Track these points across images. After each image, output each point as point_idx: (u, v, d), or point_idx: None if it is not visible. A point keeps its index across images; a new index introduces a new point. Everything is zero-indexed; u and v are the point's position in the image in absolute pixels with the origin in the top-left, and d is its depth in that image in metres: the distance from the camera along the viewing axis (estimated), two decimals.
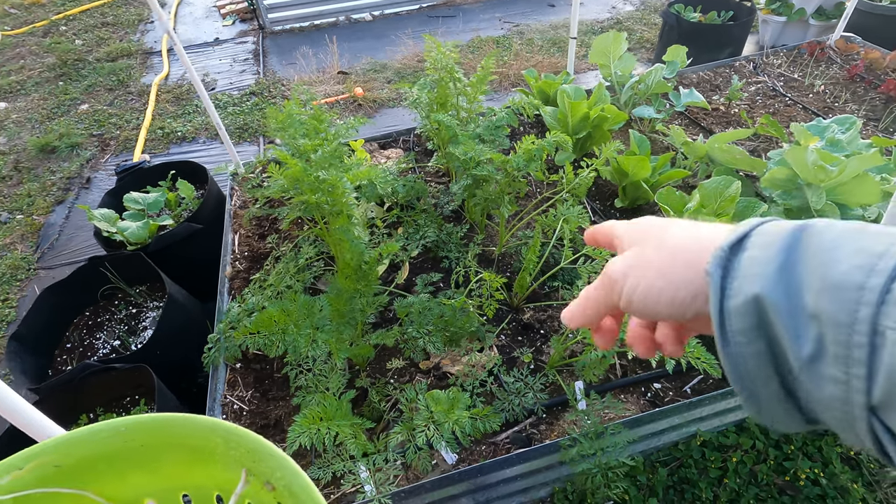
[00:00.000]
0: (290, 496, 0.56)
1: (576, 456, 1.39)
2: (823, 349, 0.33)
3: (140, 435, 0.60)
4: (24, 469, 0.58)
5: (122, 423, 0.60)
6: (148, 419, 0.61)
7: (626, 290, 0.46)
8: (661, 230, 0.47)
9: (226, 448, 0.60)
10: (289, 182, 1.81)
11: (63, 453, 0.59)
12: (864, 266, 0.32)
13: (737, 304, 0.37)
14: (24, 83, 4.97)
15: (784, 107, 2.83)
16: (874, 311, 0.30)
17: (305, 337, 1.38)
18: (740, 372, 0.38)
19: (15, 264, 3.03)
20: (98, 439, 0.60)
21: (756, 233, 0.39)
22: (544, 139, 1.85)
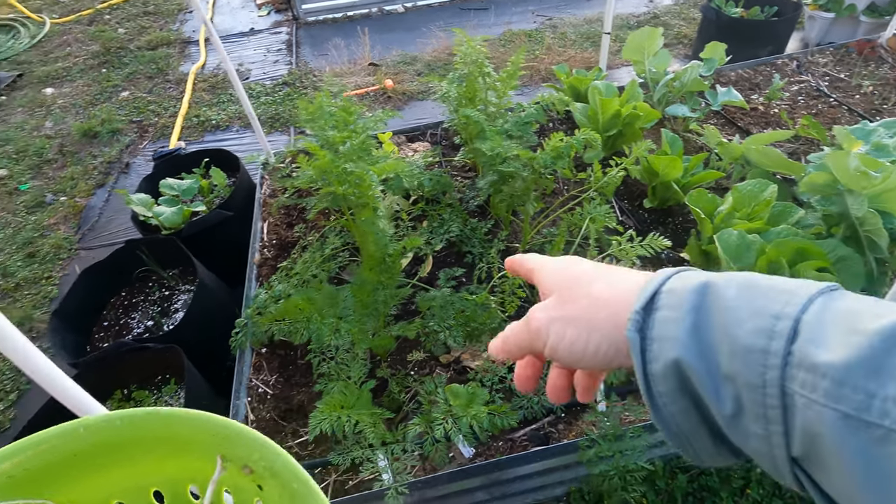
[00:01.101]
0: (272, 476, 0.55)
1: (594, 457, 1.38)
2: (742, 407, 0.34)
3: (102, 434, 0.58)
4: None
5: (80, 424, 0.57)
6: (111, 417, 0.58)
7: (550, 340, 0.47)
8: (588, 282, 0.48)
9: (197, 437, 0.57)
10: (317, 173, 1.84)
11: (19, 461, 0.55)
12: (764, 329, 0.33)
13: (658, 369, 0.38)
14: (69, 70, 5.17)
15: (828, 108, 2.71)
16: (780, 374, 0.32)
17: (329, 326, 1.41)
18: (672, 429, 0.40)
19: (58, 244, 3.17)
20: (55, 444, 0.57)
21: (664, 291, 0.40)
22: (573, 136, 1.83)
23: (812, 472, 0.32)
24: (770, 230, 1.62)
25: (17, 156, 4.04)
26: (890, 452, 0.27)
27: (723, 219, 1.71)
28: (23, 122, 4.46)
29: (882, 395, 0.27)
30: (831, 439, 0.29)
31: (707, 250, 1.73)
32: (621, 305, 0.43)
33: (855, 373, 0.29)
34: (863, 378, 0.28)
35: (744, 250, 1.56)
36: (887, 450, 0.27)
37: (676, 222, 2.23)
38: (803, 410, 0.31)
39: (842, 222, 1.62)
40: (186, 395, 1.73)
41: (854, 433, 0.28)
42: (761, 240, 1.56)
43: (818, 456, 0.31)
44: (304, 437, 1.66)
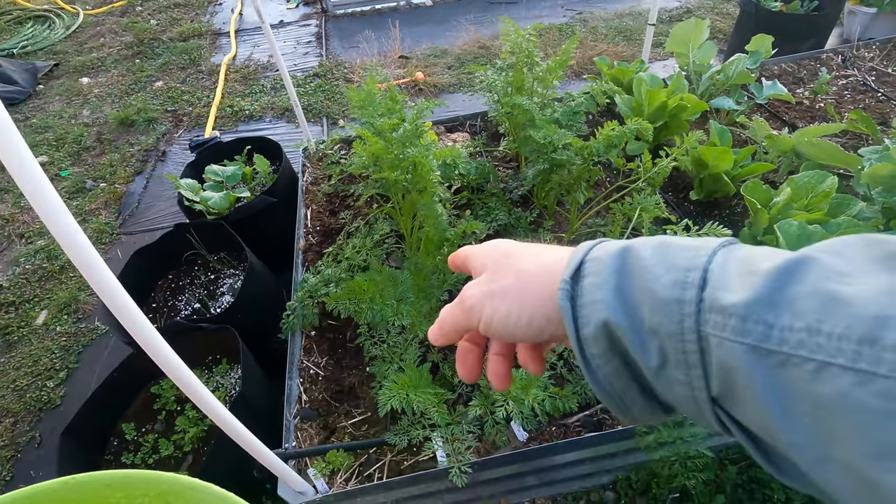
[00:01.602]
0: None
1: (653, 443, 1.38)
2: (666, 358, 0.37)
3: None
4: None
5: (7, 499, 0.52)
6: (30, 491, 0.52)
7: (484, 315, 0.48)
8: (516, 258, 0.49)
9: (133, 498, 0.53)
10: (369, 159, 1.86)
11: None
12: (679, 281, 0.36)
13: (589, 333, 0.40)
14: (104, 60, 5.26)
15: (875, 103, 2.67)
16: (695, 319, 0.34)
17: (391, 307, 1.43)
18: (606, 389, 0.42)
19: (100, 228, 3.24)
20: None
21: (589, 259, 0.43)
22: (625, 126, 1.82)
23: (730, 409, 0.35)
24: (830, 221, 1.60)
25: (56, 143, 4.13)
26: (789, 374, 0.29)
27: (779, 209, 1.69)
28: (60, 110, 4.56)
29: (779, 326, 0.30)
30: (742, 372, 0.32)
31: (762, 241, 1.72)
32: (550, 277, 0.45)
33: (755, 308, 0.31)
34: (762, 312, 0.31)
35: (804, 240, 1.55)
36: (787, 372, 0.30)
37: (724, 215, 2.21)
38: (717, 349, 0.33)
39: None
40: (243, 375, 1.76)
41: (759, 362, 0.31)
42: (822, 230, 1.55)
43: (733, 391, 0.33)
44: (356, 417, 1.69)
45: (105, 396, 1.87)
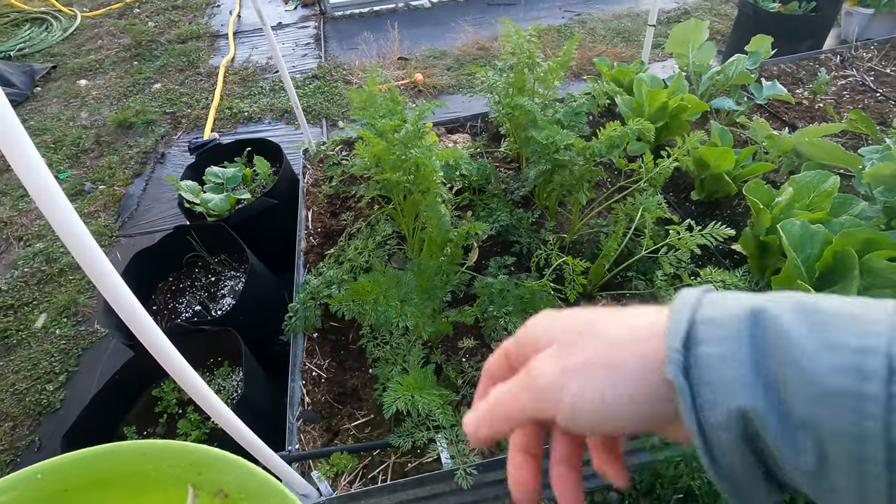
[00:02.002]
0: (248, 497, 0.52)
1: (658, 443, 1.38)
2: (826, 460, 0.30)
3: (60, 477, 0.54)
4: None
5: (37, 470, 0.55)
6: (65, 459, 0.55)
7: (566, 399, 0.36)
8: (592, 321, 0.39)
9: (163, 468, 0.55)
10: (371, 160, 1.86)
11: (12, 497, 0.54)
12: (849, 368, 0.28)
13: (718, 419, 0.32)
14: (102, 62, 5.25)
15: (875, 103, 2.68)
16: (883, 423, 0.27)
17: (395, 308, 1.43)
18: (727, 477, 0.34)
19: (99, 231, 3.23)
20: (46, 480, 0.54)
21: (701, 320, 0.34)
22: (626, 126, 1.82)
23: None
24: (833, 221, 1.61)
25: (54, 145, 4.11)
26: None
27: (782, 209, 1.69)
28: (59, 112, 4.54)
29: None
30: None
31: (765, 241, 1.72)
32: (646, 343, 0.36)
33: None
34: None
35: (807, 240, 1.55)
36: None
37: (725, 215, 2.21)
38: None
39: None
40: (245, 377, 1.75)
41: None
42: (825, 230, 1.55)
43: None
44: (359, 419, 1.68)
45: (106, 399, 1.86)
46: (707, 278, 1.59)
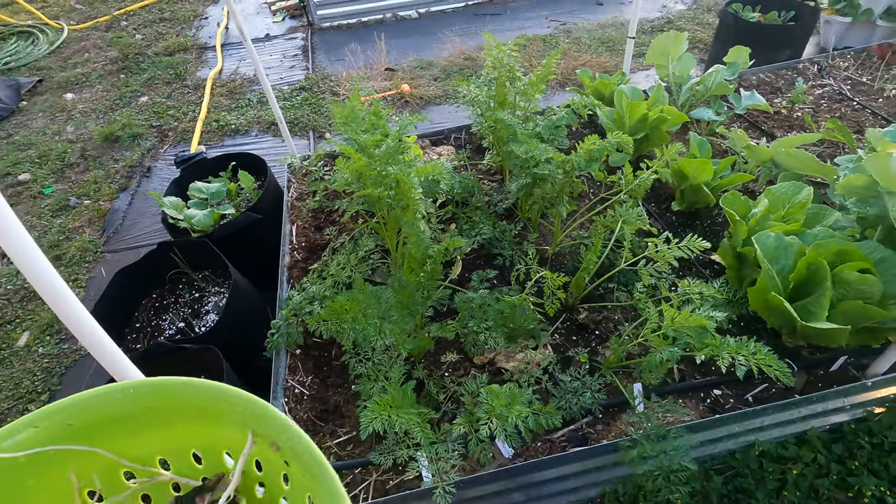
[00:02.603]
0: (295, 457, 0.57)
1: (636, 457, 1.39)
2: None
3: (148, 397, 0.62)
4: (39, 427, 0.59)
5: (130, 385, 0.62)
6: (154, 382, 0.62)
7: None
8: None
9: (231, 411, 0.61)
10: (352, 176, 1.86)
11: (75, 412, 0.61)
12: None
13: None
14: (88, 75, 5.24)
15: (851, 111, 2.72)
16: None
17: (373, 326, 1.43)
18: None
19: (83, 247, 3.21)
20: (108, 400, 0.62)
21: None
22: (605, 140, 1.84)
23: None
24: (807, 232, 1.63)
25: (39, 160, 4.09)
26: None
27: (757, 221, 1.72)
28: (44, 126, 4.52)
29: None
30: None
31: (742, 252, 1.74)
32: None
33: None
34: None
35: (781, 252, 1.57)
36: None
37: (705, 225, 2.24)
38: None
39: (878, 224, 1.63)
40: None
41: None
42: (799, 241, 1.57)
43: None
44: (341, 437, 1.68)
45: None
46: (685, 290, 1.61)
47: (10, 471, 0.56)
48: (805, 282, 1.52)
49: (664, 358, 1.42)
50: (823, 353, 1.71)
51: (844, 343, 1.49)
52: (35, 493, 0.59)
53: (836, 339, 1.47)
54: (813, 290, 1.49)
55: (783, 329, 1.70)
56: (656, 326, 1.49)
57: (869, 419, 1.77)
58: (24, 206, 3.63)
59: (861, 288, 1.41)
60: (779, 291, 1.51)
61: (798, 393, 1.66)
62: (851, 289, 1.43)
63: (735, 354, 1.33)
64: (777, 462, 1.75)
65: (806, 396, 1.59)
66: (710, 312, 1.46)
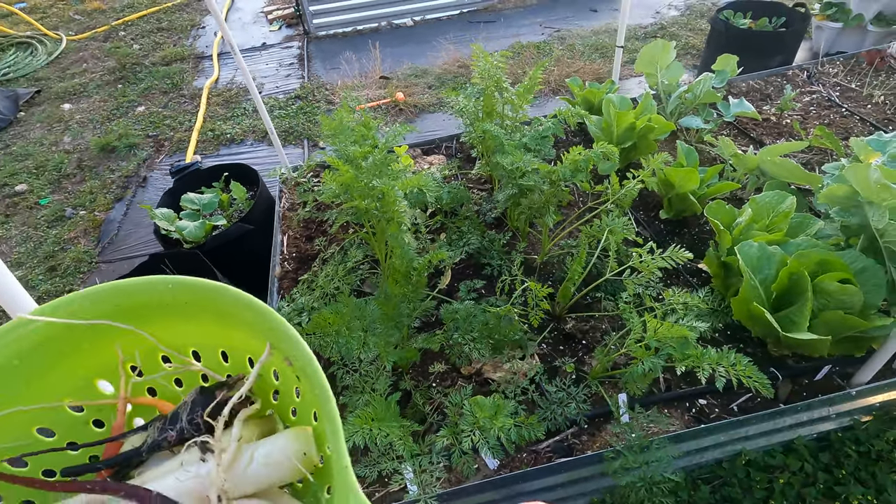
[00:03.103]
0: (305, 376, 0.61)
1: (619, 469, 1.39)
2: None
3: (184, 293, 0.68)
4: (94, 301, 0.66)
5: (169, 280, 0.68)
6: (190, 281, 0.68)
7: None
8: None
9: (254, 321, 0.66)
10: (339, 188, 1.88)
11: (122, 294, 0.67)
12: None
13: None
14: (86, 86, 5.28)
15: (840, 118, 2.73)
16: None
17: (357, 339, 1.44)
18: None
19: (78, 257, 3.22)
20: (150, 288, 0.68)
21: None
22: (591, 150, 1.86)
23: None
24: (790, 242, 1.64)
25: (36, 171, 4.12)
26: None
27: (741, 230, 1.72)
28: (41, 137, 4.55)
29: None
30: None
31: (727, 262, 1.75)
32: None
33: None
34: None
35: (764, 262, 1.58)
36: None
37: (693, 233, 2.25)
38: None
39: (861, 233, 1.64)
40: None
41: None
42: (781, 251, 1.58)
43: None
44: None
45: None
46: (669, 300, 1.61)
47: (71, 333, 0.65)
48: (787, 292, 1.53)
49: (646, 369, 1.42)
50: (808, 361, 1.71)
51: (826, 353, 1.50)
52: (89, 355, 0.69)
53: (818, 349, 1.47)
54: (795, 301, 1.50)
55: (767, 338, 1.70)
56: (640, 337, 1.50)
57: (856, 427, 1.77)
58: (21, 217, 3.66)
59: (842, 298, 1.42)
60: (761, 301, 1.52)
61: (783, 402, 1.66)
62: (832, 299, 1.44)
63: (715, 366, 1.34)
64: (764, 471, 1.75)
65: (791, 406, 1.60)
66: (694, 322, 1.47)
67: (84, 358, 0.69)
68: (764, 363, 1.73)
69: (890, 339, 1.48)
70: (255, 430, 0.69)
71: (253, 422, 0.69)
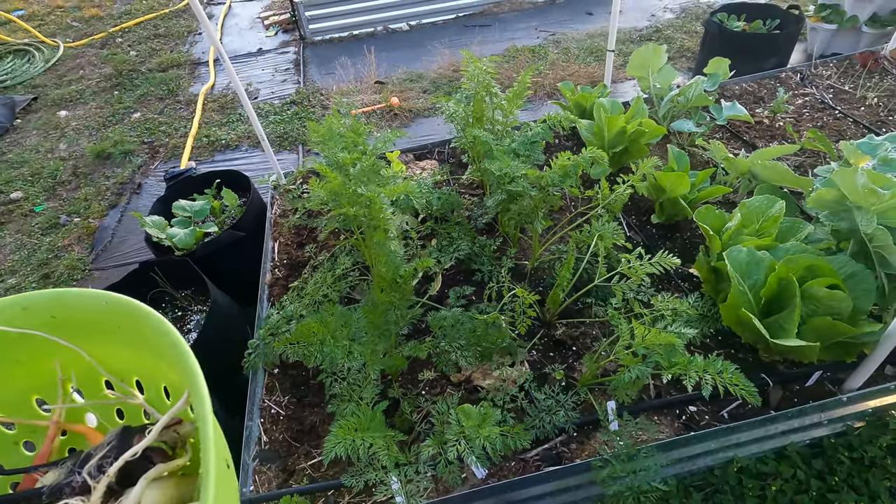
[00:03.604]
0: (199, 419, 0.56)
1: (607, 478, 1.38)
2: None
3: (117, 315, 0.62)
4: (27, 309, 0.61)
5: (104, 297, 0.63)
6: (124, 302, 0.63)
7: None
8: None
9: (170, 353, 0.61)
10: (328, 195, 1.87)
11: (57, 305, 0.63)
12: None
13: None
14: (82, 92, 5.29)
15: (833, 120, 2.72)
16: None
17: (342, 349, 1.43)
18: None
19: (72, 265, 3.22)
20: (86, 303, 0.63)
21: None
22: (580, 155, 1.85)
23: None
24: (779, 246, 1.62)
25: (31, 178, 4.12)
26: None
27: (731, 235, 1.71)
28: (37, 144, 4.56)
29: None
30: None
31: (717, 267, 1.73)
32: None
33: None
34: None
35: (753, 267, 1.57)
36: None
37: (684, 237, 2.23)
38: None
39: (851, 238, 1.63)
40: None
41: None
42: (771, 256, 1.57)
43: None
44: (316, 458, 1.67)
45: None
46: (658, 306, 1.60)
47: (4, 341, 0.60)
48: (776, 297, 1.52)
49: (634, 376, 1.41)
50: (799, 367, 1.70)
51: (816, 359, 1.48)
52: (25, 369, 0.63)
53: (807, 355, 1.46)
54: (784, 306, 1.48)
55: (757, 344, 1.69)
56: (628, 344, 1.48)
57: (849, 433, 1.75)
58: (15, 225, 3.66)
59: (830, 304, 1.40)
60: (750, 308, 1.50)
61: (774, 408, 1.64)
62: (821, 305, 1.43)
63: (702, 373, 1.33)
64: (756, 478, 1.73)
65: (782, 412, 1.58)
66: (682, 329, 1.46)
67: (21, 370, 0.64)
68: (754, 369, 1.71)
69: (881, 344, 1.46)
70: (171, 494, 0.59)
71: (173, 482, 0.60)
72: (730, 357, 1.76)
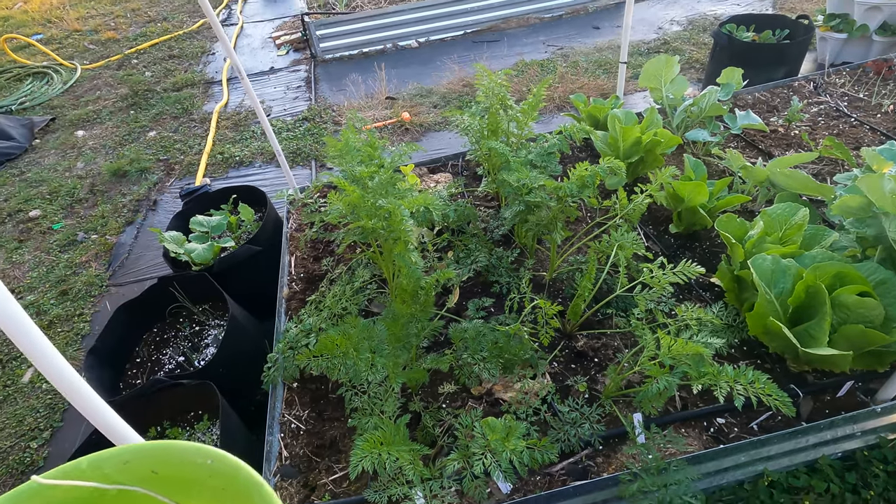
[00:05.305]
0: None
1: (636, 492, 1.35)
2: None
3: (222, 478, 0.58)
4: (129, 462, 0.58)
5: (208, 454, 0.59)
6: (233, 463, 0.58)
7: None
8: None
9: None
10: (346, 208, 1.88)
11: (160, 461, 0.60)
12: None
13: None
14: (99, 112, 5.39)
15: (849, 128, 2.71)
16: None
17: (365, 361, 1.42)
18: None
19: (90, 281, 3.25)
20: (190, 461, 0.59)
21: None
22: (597, 165, 1.85)
23: None
24: (804, 254, 1.60)
25: (50, 196, 4.19)
26: None
27: (754, 244, 1.69)
28: (55, 163, 4.64)
29: None
30: None
31: (740, 276, 1.71)
32: None
33: None
34: None
35: (779, 275, 1.55)
36: None
37: (704, 247, 2.21)
38: None
39: (878, 244, 1.60)
40: (221, 432, 1.73)
41: None
42: (797, 264, 1.55)
43: None
44: (337, 473, 1.65)
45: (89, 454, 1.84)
46: (682, 316, 1.58)
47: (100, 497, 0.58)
48: (804, 306, 1.49)
49: (662, 387, 1.39)
50: (829, 377, 1.66)
51: (848, 368, 1.45)
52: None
53: (839, 364, 1.43)
54: (813, 315, 1.46)
55: (786, 354, 1.66)
56: (653, 354, 1.46)
57: (882, 445, 1.70)
58: (34, 242, 3.71)
59: (861, 312, 1.38)
60: (777, 316, 1.48)
61: (805, 420, 1.60)
62: (852, 313, 1.40)
63: (733, 383, 1.30)
64: (788, 493, 1.68)
65: (813, 424, 1.54)
66: (708, 339, 1.43)
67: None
68: (783, 380, 1.68)
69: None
70: None
71: None
72: (757, 367, 1.73)
